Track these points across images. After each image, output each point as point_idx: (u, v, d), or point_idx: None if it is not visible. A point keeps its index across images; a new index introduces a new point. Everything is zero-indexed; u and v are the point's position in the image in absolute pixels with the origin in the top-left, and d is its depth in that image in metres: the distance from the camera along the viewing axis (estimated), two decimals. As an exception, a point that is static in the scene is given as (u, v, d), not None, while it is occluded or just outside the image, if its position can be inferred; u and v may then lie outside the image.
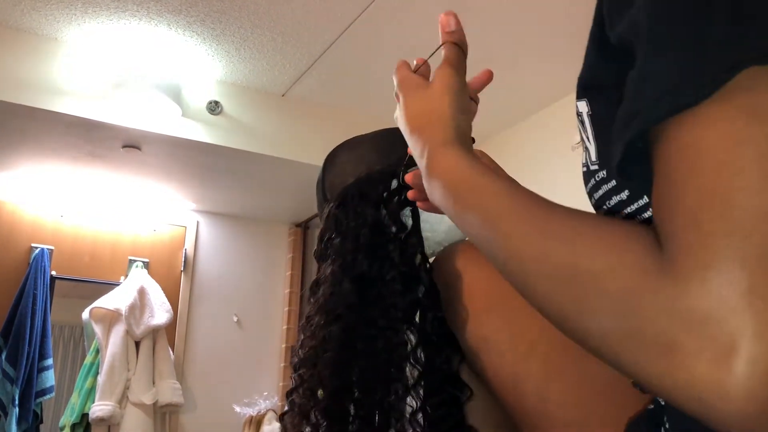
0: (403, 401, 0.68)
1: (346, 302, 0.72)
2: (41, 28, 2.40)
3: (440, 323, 0.70)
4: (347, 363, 0.70)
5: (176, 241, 3.51)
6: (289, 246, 3.76)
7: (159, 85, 2.50)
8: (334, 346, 0.71)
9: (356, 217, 0.76)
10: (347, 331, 0.71)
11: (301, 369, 0.74)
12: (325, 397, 0.69)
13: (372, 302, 0.72)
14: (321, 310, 0.74)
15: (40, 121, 2.49)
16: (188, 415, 3.32)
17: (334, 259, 0.76)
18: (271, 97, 2.88)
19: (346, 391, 0.69)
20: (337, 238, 0.77)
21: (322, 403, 0.69)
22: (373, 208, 0.75)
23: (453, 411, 0.67)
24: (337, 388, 0.69)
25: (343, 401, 0.69)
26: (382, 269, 0.73)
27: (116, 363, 2.96)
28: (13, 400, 2.79)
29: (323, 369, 0.70)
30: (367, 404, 0.68)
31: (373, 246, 0.74)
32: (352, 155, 0.85)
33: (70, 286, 3.27)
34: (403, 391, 0.68)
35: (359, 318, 0.71)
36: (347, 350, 0.70)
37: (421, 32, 2.41)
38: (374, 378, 0.69)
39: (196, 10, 2.27)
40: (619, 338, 0.34)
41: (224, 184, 3.20)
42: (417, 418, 0.67)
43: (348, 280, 0.73)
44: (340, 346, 0.70)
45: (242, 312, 3.58)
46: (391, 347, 0.69)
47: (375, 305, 0.71)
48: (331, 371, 0.70)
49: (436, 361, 0.69)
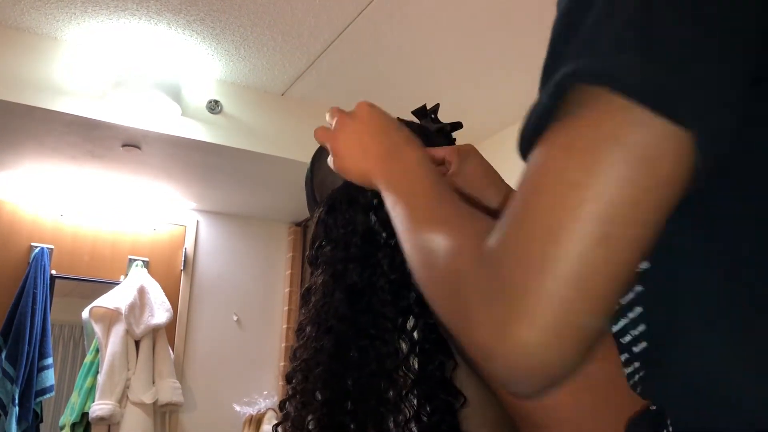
0: (396, 410, 0.68)
1: (338, 314, 0.71)
2: (40, 27, 2.40)
3: (431, 330, 0.69)
4: (339, 375, 0.69)
5: (176, 241, 3.51)
6: (289, 245, 3.76)
7: (159, 84, 2.50)
8: (325, 359, 0.70)
9: (346, 224, 0.75)
10: (339, 343, 0.70)
11: (293, 380, 0.73)
12: (318, 408, 0.69)
13: (362, 312, 0.71)
14: (313, 321, 0.73)
15: (40, 120, 2.49)
16: (188, 414, 3.32)
17: (325, 268, 0.75)
18: (271, 97, 2.87)
19: (339, 403, 0.69)
20: (328, 246, 0.76)
21: (316, 414, 0.69)
22: (362, 214, 0.74)
23: (446, 418, 0.67)
24: (329, 400, 0.69)
25: (336, 412, 0.69)
26: (372, 277, 0.72)
27: (116, 362, 2.96)
28: (13, 399, 2.79)
29: (316, 381, 0.70)
30: (360, 415, 0.68)
31: (364, 254, 0.73)
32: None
33: (70, 286, 3.27)
34: (396, 400, 0.68)
35: (351, 329, 0.70)
36: (339, 362, 0.70)
37: (421, 32, 2.41)
38: (366, 389, 0.69)
39: (195, 9, 2.27)
40: (445, 308, 0.44)
41: (224, 183, 3.20)
42: (410, 426, 0.67)
43: (339, 290, 0.72)
44: (332, 358, 0.70)
45: (242, 311, 3.58)
46: (382, 357, 0.69)
47: (366, 315, 0.71)
48: (323, 383, 0.69)
49: (428, 368, 0.68)
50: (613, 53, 0.36)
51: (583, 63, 0.36)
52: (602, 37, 0.37)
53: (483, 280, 0.39)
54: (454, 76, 2.68)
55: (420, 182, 0.56)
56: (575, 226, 0.35)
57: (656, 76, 0.34)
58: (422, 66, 2.64)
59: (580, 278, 0.35)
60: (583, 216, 0.35)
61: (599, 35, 0.37)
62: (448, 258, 0.45)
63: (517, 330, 0.35)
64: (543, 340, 0.35)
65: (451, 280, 0.43)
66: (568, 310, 0.35)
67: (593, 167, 0.35)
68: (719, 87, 0.35)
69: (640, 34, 0.36)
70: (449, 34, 2.41)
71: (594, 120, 0.36)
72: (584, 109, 0.36)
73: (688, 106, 0.35)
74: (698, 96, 0.35)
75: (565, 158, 0.36)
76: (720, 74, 0.36)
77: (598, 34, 0.37)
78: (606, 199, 0.34)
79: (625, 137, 0.35)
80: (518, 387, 0.38)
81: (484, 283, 0.39)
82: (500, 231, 0.39)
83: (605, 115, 0.35)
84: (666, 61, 0.35)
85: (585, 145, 0.36)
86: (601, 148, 0.35)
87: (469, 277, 0.41)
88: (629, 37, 0.36)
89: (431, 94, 2.83)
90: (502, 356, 0.36)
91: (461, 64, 2.61)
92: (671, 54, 0.35)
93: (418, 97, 3.20)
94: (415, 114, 0.88)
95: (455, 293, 0.42)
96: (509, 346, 0.36)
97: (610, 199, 0.34)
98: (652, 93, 0.34)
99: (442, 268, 0.45)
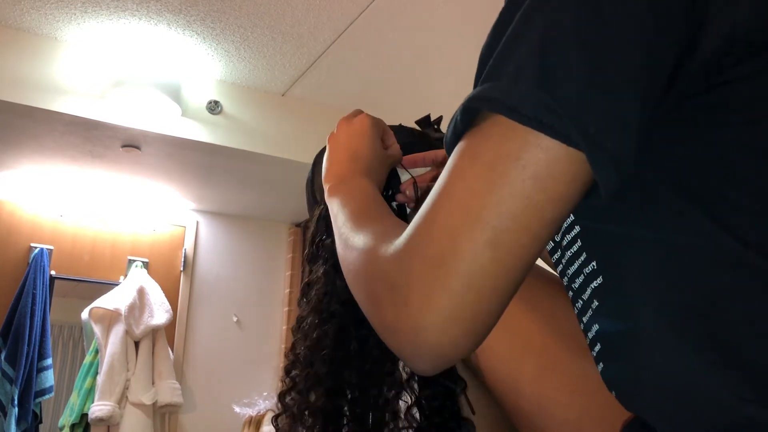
0: (398, 398, 0.68)
1: (341, 299, 0.72)
2: (41, 27, 2.40)
3: None
4: (342, 362, 0.70)
5: (176, 241, 3.51)
6: (289, 246, 3.75)
7: (158, 85, 2.50)
8: (329, 344, 0.71)
9: None
10: (341, 329, 0.71)
11: (294, 371, 0.74)
12: (320, 396, 0.69)
13: None
14: (314, 311, 0.74)
15: (40, 121, 2.49)
16: (188, 415, 3.32)
17: (326, 259, 0.76)
18: (271, 97, 2.87)
19: (340, 391, 0.69)
20: (329, 238, 0.77)
21: (317, 404, 0.69)
22: None
23: (447, 403, 0.67)
24: (332, 388, 0.69)
25: (337, 400, 0.69)
26: None
27: (116, 363, 2.96)
28: (12, 400, 2.79)
29: (320, 368, 0.70)
30: (361, 403, 0.68)
31: None
32: None
33: (70, 286, 3.26)
34: (397, 387, 0.68)
35: (353, 317, 0.71)
36: (342, 349, 0.70)
37: (421, 33, 2.41)
38: (368, 377, 0.69)
39: (195, 9, 2.27)
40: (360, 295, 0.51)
41: (224, 183, 3.20)
42: (412, 413, 0.67)
43: (340, 279, 0.72)
44: (335, 343, 0.71)
45: (242, 312, 3.58)
46: (382, 344, 0.69)
47: None
48: (327, 369, 0.70)
49: None
50: (512, 82, 0.40)
51: (487, 90, 0.42)
52: (506, 65, 0.41)
53: (390, 269, 0.45)
54: (454, 76, 2.68)
55: (361, 198, 0.65)
56: (471, 228, 0.40)
57: (550, 104, 0.38)
58: (422, 67, 2.64)
59: (471, 275, 0.40)
60: (479, 221, 0.40)
61: (503, 62, 0.42)
62: (365, 252, 0.52)
63: (415, 313, 0.41)
64: (437, 323, 0.40)
65: (365, 270, 0.50)
66: (459, 302, 0.40)
67: (493, 180, 0.40)
68: (616, 110, 0.39)
69: (539, 63, 0.40)
70: (449, 35, 2.41)
71: (498, 138, 0.41)
72: (489, 126, 0.41)
73: (581, 130, 0.38)
74: (591, 120, 0.38)
75: (470, 168, 0.41)
76: (617, 99, 0.39)
77: (503, 61, 0.42)
78: (501, 209, 0.39)
79: (522, 157, 0.39)
80: (417, 363, 0.44)
81: (390, 271, 0.45)
82: (410, 227, 0.44)
83: (506, 136, 0.40)
84: (561, 89, 0.39)
85: (488, 160, 0.40)
86: (502, 164, 0.40)
87: (379, 266, 0.47)
88: (528, 67, 0.40)
89: (431, 95, 2.83)
90: (403, 334, 0.42)
91: (461, 66, 2.61)
92: (566, 83, 0.39)
93: (417, 97, 3.19)
94: (418, 123, 0.91)
95: (368, 281, 0.49)
96: (408, 326, 0.42)
97: (505, 209, 0.39)
98: (545, 119, 0.38)
99: (359, 260, 0.52)
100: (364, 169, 0.72)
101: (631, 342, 0.45)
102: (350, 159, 0.73)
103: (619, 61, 0.39)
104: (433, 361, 0.42)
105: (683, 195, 0.42)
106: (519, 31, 0.42)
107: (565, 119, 0.38)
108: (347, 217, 0.62)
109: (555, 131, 0.38)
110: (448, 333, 0.40)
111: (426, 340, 0.41)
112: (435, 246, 0.41)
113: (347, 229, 0.59)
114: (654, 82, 0.40)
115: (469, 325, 0.40)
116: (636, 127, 0.39)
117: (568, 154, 0.39)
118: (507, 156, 0.40)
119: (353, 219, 0.60)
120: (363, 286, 0.50)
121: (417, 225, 0.44)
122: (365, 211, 0.61)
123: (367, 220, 0.58)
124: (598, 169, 0.39)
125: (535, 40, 0.40)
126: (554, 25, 0.40)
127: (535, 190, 0.39)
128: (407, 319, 0.41)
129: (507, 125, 0.40)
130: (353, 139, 0.75)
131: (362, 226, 0.57)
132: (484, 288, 0.40)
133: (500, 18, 0.45)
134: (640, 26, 0.39)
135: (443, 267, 0.40)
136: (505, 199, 0.39)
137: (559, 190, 0.39)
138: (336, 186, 0.70)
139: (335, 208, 0.66)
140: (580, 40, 0.39)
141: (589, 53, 0.39)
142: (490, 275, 0.40)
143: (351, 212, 0.62)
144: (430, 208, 0.43)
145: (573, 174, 0.39)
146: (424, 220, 0.43)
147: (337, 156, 0.75)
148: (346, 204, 0.65)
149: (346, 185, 0.69)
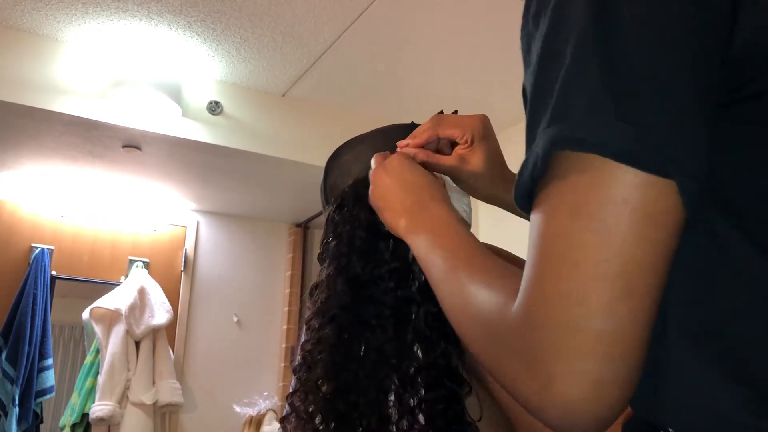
0: (400, 400, 0.69)
1: (341, 303, 0.72)
2: (41, 28, 2.40)
3: (434, 318, 0.70)
4: (341, 364, 0.70)
5: (176, 241, 3.51)
6: (289, 246, 3.76)
7: (159, 85, 2.50)
8: (327, 348, 0.71)
9: (351, 219, 0.77)
10: (341, 332, 0.71)
11: (299, 372, 0.74)
12: (322, 398, 0.70)
13: (364, 302, 0.72)
14: (318, 313, 0.75)
15: (40, 121, 2.49)
16: (188, 415, 3.32)
17: (329, 262, 0.77)
18: (271, 97, 2.88)
19: (342, 393, 0.70)
20: (334, 241, 0.78)
21: (320, 405, 0.70)
22: (367, 210, 0.76)
23: (452, 405, 0.68)
24: (332, 390, 0.70)
25: (340, 403, 0.69)
26: (374, 269, 0.73)
27: (116, 363, 2.96)
28: (13, 400, 2.79)
29: (319, 371, 0.71)
30: (362, 405, 0.69)
31: (367, 247, 0.75)
32: (350, 155, 0.85)
33: (70, 286, 3.27)
34: (398, 389, 0.69)
35: (353, 319, 0.71)
36: (341, 352, 0.71)
37: (422, 33, 2.41)
38: (368, 378, 0.69)
39: (196, 10, 2.27)
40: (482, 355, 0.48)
41: (224, 184, 3.20)
42: (416, 415, 0.68)
43: (342, 282, 0.73)
44: (333, 347, 0.71)
45: (242, 312, 3.58)
46: (383, 346, 0.70)
47: (367, 305, 0.72)
48: (325, 373, 0.70)
49: (432, 356, 0.69)
50: (591, 117, 0.38)
51: (567, 129, 0.39)
52: (578, 99, 0.39)
53: (516, 343, 0.42)
54: (455, 76, 2.69)
55: (456, 234, 0.61)
56: (597, 286, 0.37)
57: (639, 137, 0.37)
58: (423, 67, 2.64)
59: (613, 332, 0.37)
60: (605, 277, 0.37)
61: (574, 96, 0.39)
62: (484, 312, 0.48)
63: (561, 389, 0.38)
64: (587, 395, 0.37)
65: (486, 333, 0.47)
66: (608, 362, 0.37)
67: (604, 230, 0.37)
68: (690, 133, 0.38)
69: (610, 93, 0.38)
70: (450, 35, 2.41)
71: (590, 183, 0.38)
72: (576, 173, 0.39)
73: (672, 160, 0.37)
74: (678, 148, 0.38)
75: (570, 222, 0.39)
76: (692, 123, 0.38)
77: (573, 95, 0.39)
78: (624, 257, 0.37)
79: (630, 198, 0.37)
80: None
81: (518, 346, 0.41)
82: (522, 297, 0.42)
83: (601, 179, 0.38)
84: (642, 118, 0.37)
85: (590, 209, 0.38)
86: (608, 211, 0.38)
87: (502, 337, 0.44)
88: (603, 99, 0.38)
89: (431, 95, 2.83)
90: (551, 411, 0.39)
91: (462, 65, 2.61)
92: (647, 113, 0.38)
93: (418, 98, 3.20)
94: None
95: (490, 345, 0.46)
96: (556, 404, 0.39)
97: (629, 256, 0.37)
98: (638, 154, 0.37)
99: (477, 319, 0.49)
100: (430, 196, 0.68)
101: (652, 350, 0.45)
102: (410, 191, 0.69)
103: (685, 84, 0.38)
104: (590, 428, 0.39)
105: (715, 207, 0.42)
106: (577, 57, 0.40)
107: (657, 151, 0.37)
108: (446, 261, 0.57)
109: (649, 166, 0.37)
110: (602, 399, 0.38)
111: (580, 412, 0.38)
112: (563, 315, 0.38)
113: (451, 273, 0.55)
114: (709, 101, 0.40)
115: (623, 382, 0.38)
116: (704, 141, 0.39)
117: (665, 185, 0.38)
118: (612, 199, 0.38)
119: (455, 261, 0.56)
120: (482, 348, 0.48)
121: (530, 296, 0.41)
122: (467, 251, 0.57)
123: (472, 264, 0.54)
124: (688, 194, 0.38)
125: (605, 73, 0.39)
126: (617, 48, 0.39)
127: (653, 229, 0.38)
128: (554, 399, 0.38)
129: (598, 166, 0.38)
130: (400, 175, 0.72)
131: (469, 276, 0.53)
132: (631, 338, 0.38)
133: (545, 42, 0.42)
134: (693, 37, 0.39)
135: (580, 333, 0.37)
136: (625, 245, 0.37)
137: (667, 222, 0.38)
138: (414, 222, 0.66)
139: (423, 246, 0.62)
140: (648, 63, 0.38)
141: (658, 76, 0.38)
142: (632, 325, 0.37)
143: (446, 255, 0.58)
144: (539, 274, 0.40)
145: (674, 201, 0.38)
146: (540, 289, 0.40)
147: (394, 195, 0.70)
148: (437, 244, 0.60)
149: (424, 215, 0.65)
